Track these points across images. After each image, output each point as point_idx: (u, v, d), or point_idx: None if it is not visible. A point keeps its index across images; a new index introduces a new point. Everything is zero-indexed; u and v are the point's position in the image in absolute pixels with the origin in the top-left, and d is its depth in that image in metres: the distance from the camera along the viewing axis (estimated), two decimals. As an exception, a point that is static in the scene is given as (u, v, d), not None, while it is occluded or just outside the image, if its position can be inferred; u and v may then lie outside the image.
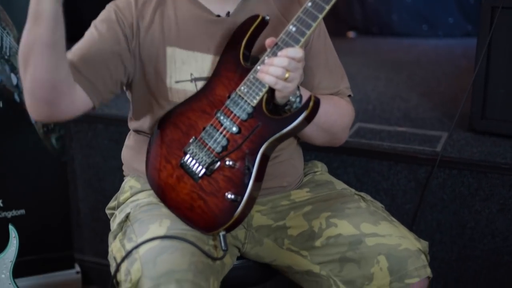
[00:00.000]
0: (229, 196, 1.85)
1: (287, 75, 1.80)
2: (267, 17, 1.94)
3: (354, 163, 2.80)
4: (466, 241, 2.69)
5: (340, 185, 2.17)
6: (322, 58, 2.10)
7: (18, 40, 2.85)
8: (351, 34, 5.34)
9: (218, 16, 2.01)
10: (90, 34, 1.96)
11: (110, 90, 1.96)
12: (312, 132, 2.00)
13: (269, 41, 1.86)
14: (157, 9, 2.00)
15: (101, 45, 1.93)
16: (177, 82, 1.99)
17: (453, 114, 3.01)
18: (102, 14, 2.00)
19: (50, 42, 1.70)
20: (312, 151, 2.68)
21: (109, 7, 2.00)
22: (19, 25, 2.80)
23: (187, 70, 1.99)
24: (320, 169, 2.26)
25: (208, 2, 2.01)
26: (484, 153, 2.71)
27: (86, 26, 2.00)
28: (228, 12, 2.02)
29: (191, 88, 1.99)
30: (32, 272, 3.07)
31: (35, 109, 1.84)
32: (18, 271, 2.69)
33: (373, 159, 2.77)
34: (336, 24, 5.08)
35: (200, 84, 1.99)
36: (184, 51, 1.98)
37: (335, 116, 2.07)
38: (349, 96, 2.17)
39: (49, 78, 1.75)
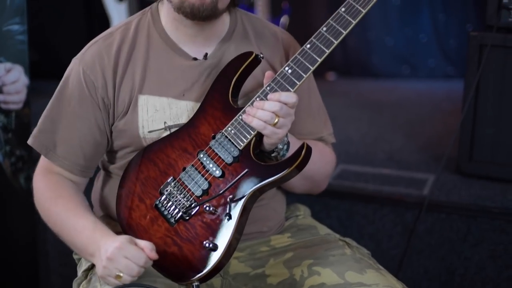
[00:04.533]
0: (207, 244, 1.74)
1: (276, 120, 1.70)
2: (261, 55, 1.83)
3: (337, 206, 2.73)
4: (455, 289, 2.60)
5: (323, 230, 2.07)
6: (305, 102, 1.99)
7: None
8: (330, 75, 5.30)
9: (195, 59, 1.90)
10: (67, 120, 1.89)
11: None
12: (294, 180, 1.87)
13: (269, 74, 1.76)
14: (130, 57, 1.89)
15: (82, 129, 1.89)
16: (150, 131, 1.88)
17: (439, 157, 2.97)
18: (72, 85, 1.89)
19: None
20: (293, 194, 2.56)
21: (76, 72, 1.89)
22: None
23: (160, 118, 1.88)
24: (303, 213, 2.15)
25: (184, 44, 1.90)
26: (473, 197, 2.64)
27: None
28: (206, 54, 1.91)
29: None
30: (-6, 321, 2.95)
31: None
32: (-21, 319, 2.55)
33: (357, 203, 2.71)
34: (316, 64, 5.03)
35: None
36: (157, 98, 1.88)
37: (319, 164, 1.97)
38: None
39: None
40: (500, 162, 2.77)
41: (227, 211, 1.74)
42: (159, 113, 1.88)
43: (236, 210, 1.74)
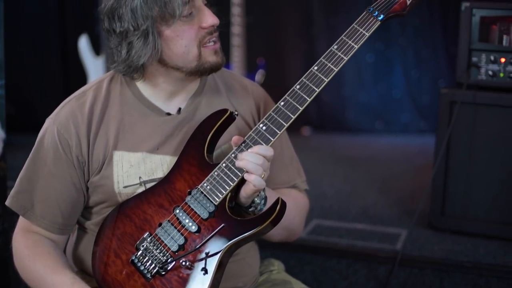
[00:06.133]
0: None
1: (263, 175, 1.74)
2: (236, 113, 1.86)
3: (311, 261, 2.72)
4: None
5: (298, 284, 2.07)
6: (278, 152, 2.01)
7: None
8: (305, 130, 5.34)
9: (168, 114, 1.93)
10: (44, 180, 1.90)
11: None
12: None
13: (236, 139, 1.78)
14: (104, 115, 1.91)
15: (59, 188, 1.89)
16: (125, 187, 1.89)
17: (412, 211, 2.99)
18: (47, 145, 1.90)
19: None
20: (268, 248, 2.59)
21: (50, 132, 1.91)
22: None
23: (135, 173, 1.89)
24: (277, 268, 2.16)
25: (157, 100, 1.93)
26: (445, 251, 2.66)
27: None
28: (179, 109, 1.94)
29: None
30: None
31: None
32: None
33: (331, 257, 2.71)
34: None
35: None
36: (132, 154, 1.89)
37: (294, 212, 1.99)
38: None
39: None
40: (471, 217, 2.81)
41: (203, 266, 1.74)
42: (134, 168, 1.89)
43: (212, 265, 1.75)
